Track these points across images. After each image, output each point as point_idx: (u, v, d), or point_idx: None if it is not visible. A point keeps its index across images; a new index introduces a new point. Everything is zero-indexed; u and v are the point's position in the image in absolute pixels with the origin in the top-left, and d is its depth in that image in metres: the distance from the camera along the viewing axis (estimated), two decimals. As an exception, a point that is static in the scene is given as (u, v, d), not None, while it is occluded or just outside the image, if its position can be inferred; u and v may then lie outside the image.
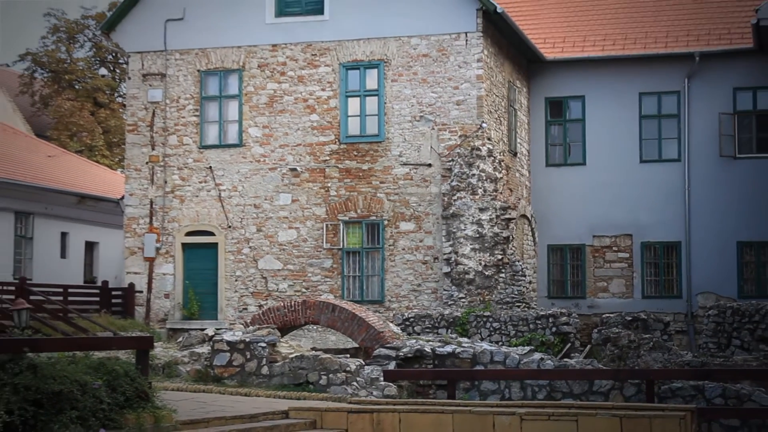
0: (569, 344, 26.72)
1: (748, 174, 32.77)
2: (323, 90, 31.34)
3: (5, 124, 47.26)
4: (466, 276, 29.49)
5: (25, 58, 55.48)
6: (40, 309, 28.06)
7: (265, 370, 19.94)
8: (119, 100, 53.96)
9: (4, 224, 37.59)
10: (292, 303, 24.49)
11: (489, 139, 30.39)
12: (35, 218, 39.18)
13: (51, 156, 44.79)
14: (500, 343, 25.19)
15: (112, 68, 56.17)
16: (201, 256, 31.88)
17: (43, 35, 56.67)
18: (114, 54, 53.60)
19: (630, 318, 28.48)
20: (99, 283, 36.98)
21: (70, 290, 33.80)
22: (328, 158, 31.15)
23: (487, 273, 29.52)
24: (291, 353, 20.30)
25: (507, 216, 30.17)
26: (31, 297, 28.91)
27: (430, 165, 30.45)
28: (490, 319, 27.50)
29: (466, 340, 23.40)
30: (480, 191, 29.78)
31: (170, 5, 32.26)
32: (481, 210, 29.71)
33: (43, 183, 39.37)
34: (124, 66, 42.70)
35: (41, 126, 52.60)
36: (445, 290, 29.77)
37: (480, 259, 29.56)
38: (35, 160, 42.42)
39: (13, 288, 30.13)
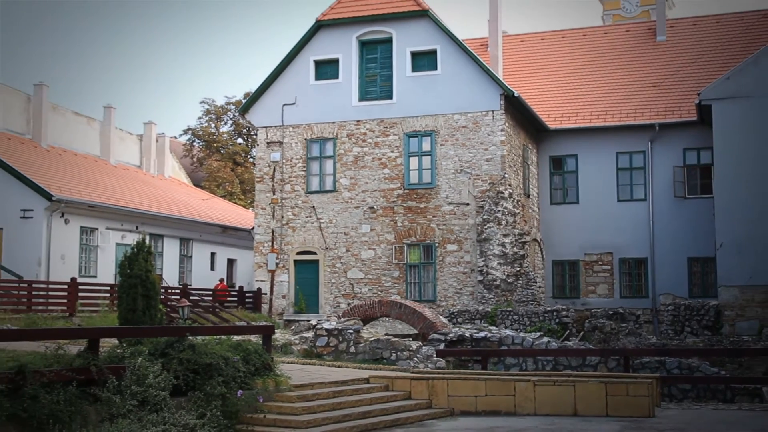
0: (568, 331, 26.45)
1: (694, 209, 32.34)
2: (392, 152, 31.42)
3: (174, 178, 48.03)
4: (494, 282, 29.33)
5: (186, 132, 56.36)
6: (196, 306, 28.43)
7: (352, 349, 19.98)
8: (251, 160, 54.48)
9: (173, 247, 38.13)
10: (371, 302, 24.55)
11: (510, 185, 30.27)
12: (193, 243, 39.71)
13: (204, 200, 45.43)
14: (519, 330, 25.03)
15: (246, 138, 56.78)
16: (307, 269, 31.99)
17: (199, 116, 57.82)
18: (247, 128, 54.17)
19: (611, 312, 28.17)
20: (237, 288, 37.35)
21: (217, 293, 34.21)
22: (396, 200, 31.19)
23: (509, 280, 29.34)
24: (370, 337, 20.33)
25: (523, 240, 30.00)
26: (191, 297, 29.30)
27: (467, 204, 30.38)
28: (512, 313, 27.32)
29: (494, 328, 23.30)
30: (504, 222, 29.64)
31: (286, 94, 32.62)
32: (505, 236, 29.57)
33: (199, 218, 39.90)
34: (255, 136, 43.21)
35: (197, 179, 53.35)
36: (479, 292, 29.63)
37: (504, 271, 29.39)
38: (193, 203, 43.03)
39: (179, 291, 30.52)
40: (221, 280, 36.64)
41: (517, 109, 31.85)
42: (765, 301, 27.32)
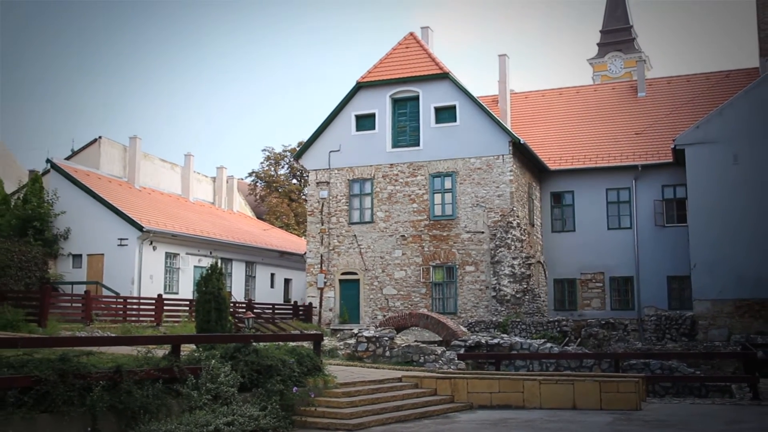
0: (567, 338, 26.18)
1: (672, 236, 32.00)
2: (420, 189, 31.47)
3: (240, 212, 48.40)
4: (505, 297, 29.13)
5: (251, 175, 56.90)
6: (259, 317, 28.50)
7: (387, 353, 19.93)
8: (303, 197, 54.77)
9: (240, 269, 38.34)
10: (403, 314, 24.46)
11: (517, 216, 30.15)
12: (256, 265, 39.88)
13: (265, 230, 45.66)
14: (526, 337, 24.82)
15: (299, 179, 57.13)
16: (349, 287, 32.02)
17: (261, 161, 58.37)
18: (301, 171, 54.57)
19: (604, 322, 27.83)
20: (292, 302, 37.43)
21: (276, 306, 34.31)
22: (423, 229, 31.18)
23: (517, 296, 29.12)
24: (402, 343, 20.26)
25: (529, 262, 29.81)
26: (254, 310, 29.39)
27: (482, 232, 30.29)
28: (520, 323, 27.11)
29: (506, 335, 23.09)
30: (513, 247, 29.49)
31: (331, 143, 32.86)
32: (514, 258, 29.40)
33: (261, 245, 40.13)
34: (306, 178, 43.45)
35: (260, 213, 53.71)
36: (493, 306, 29.43)
37: (513, 288, 29.19)
38: (256, 233, 43.29)
39: (244, 305, 30.65)
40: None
41: (523, 154, 31.79)
42: (732, 312, 26.97)
